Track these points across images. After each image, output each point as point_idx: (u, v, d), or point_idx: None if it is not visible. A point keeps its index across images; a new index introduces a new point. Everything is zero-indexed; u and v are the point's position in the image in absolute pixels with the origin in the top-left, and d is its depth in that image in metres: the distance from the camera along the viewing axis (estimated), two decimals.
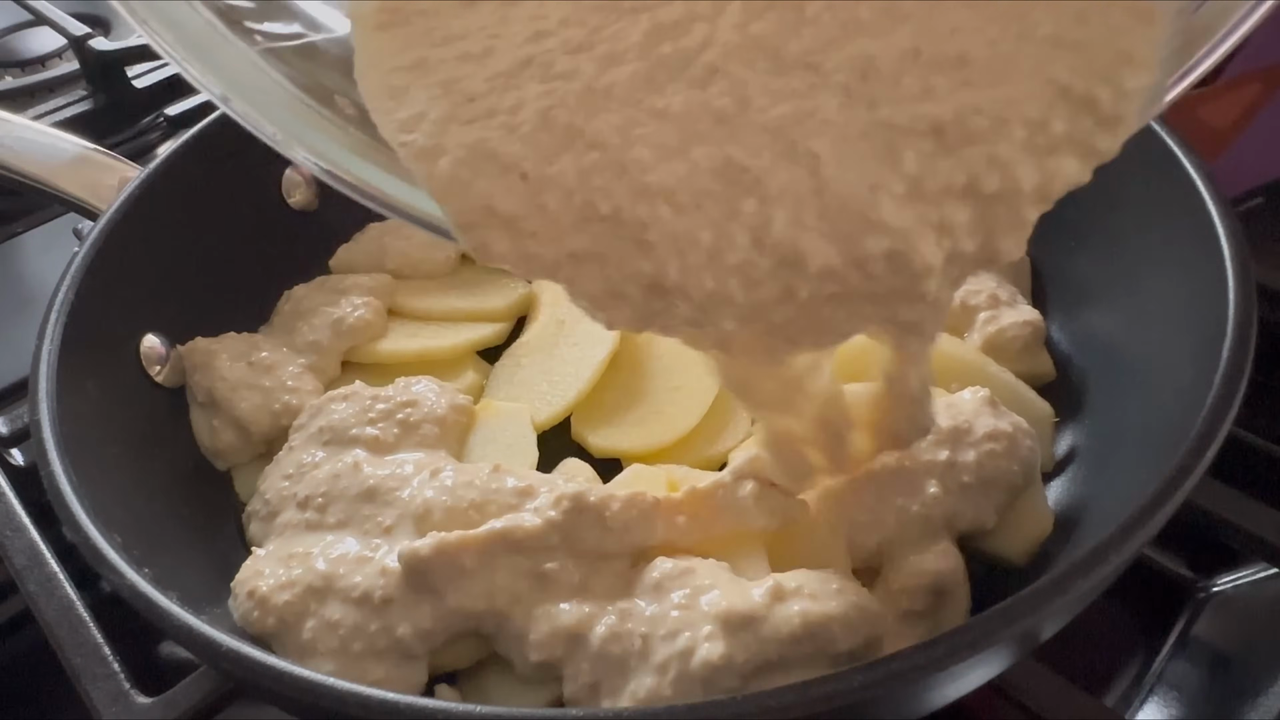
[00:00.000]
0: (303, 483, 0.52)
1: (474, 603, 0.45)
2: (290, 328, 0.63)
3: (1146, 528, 0.37)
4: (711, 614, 0.41)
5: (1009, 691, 0.44)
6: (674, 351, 0.60)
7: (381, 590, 0.45)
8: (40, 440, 0.47)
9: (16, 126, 0.68)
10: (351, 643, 0.44)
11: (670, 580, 0.44)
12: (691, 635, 0.41)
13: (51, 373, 0.50)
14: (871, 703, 0.34)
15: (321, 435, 0.54)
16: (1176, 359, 0.47)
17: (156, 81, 0.99)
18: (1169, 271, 0.51)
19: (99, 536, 0.43)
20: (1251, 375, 0.41)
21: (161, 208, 0.61)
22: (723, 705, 0.34)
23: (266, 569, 0.48)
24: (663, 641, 0.41)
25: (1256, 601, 0.56)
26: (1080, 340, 0.57)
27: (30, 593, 0.49)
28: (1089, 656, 0.55)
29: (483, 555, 0.45)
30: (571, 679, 0.43)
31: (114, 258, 0.57)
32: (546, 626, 0.44)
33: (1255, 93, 0.59)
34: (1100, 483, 0.49)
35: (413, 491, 0.50)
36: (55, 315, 0.53)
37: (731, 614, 0.41)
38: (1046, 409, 0.54)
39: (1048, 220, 0.60)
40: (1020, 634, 0.36)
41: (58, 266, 0.56)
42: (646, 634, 0.42)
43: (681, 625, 0.42)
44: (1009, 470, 0.48)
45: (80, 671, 0.45)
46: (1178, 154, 0.51)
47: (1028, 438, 0.49)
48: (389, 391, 0.56)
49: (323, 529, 0.50)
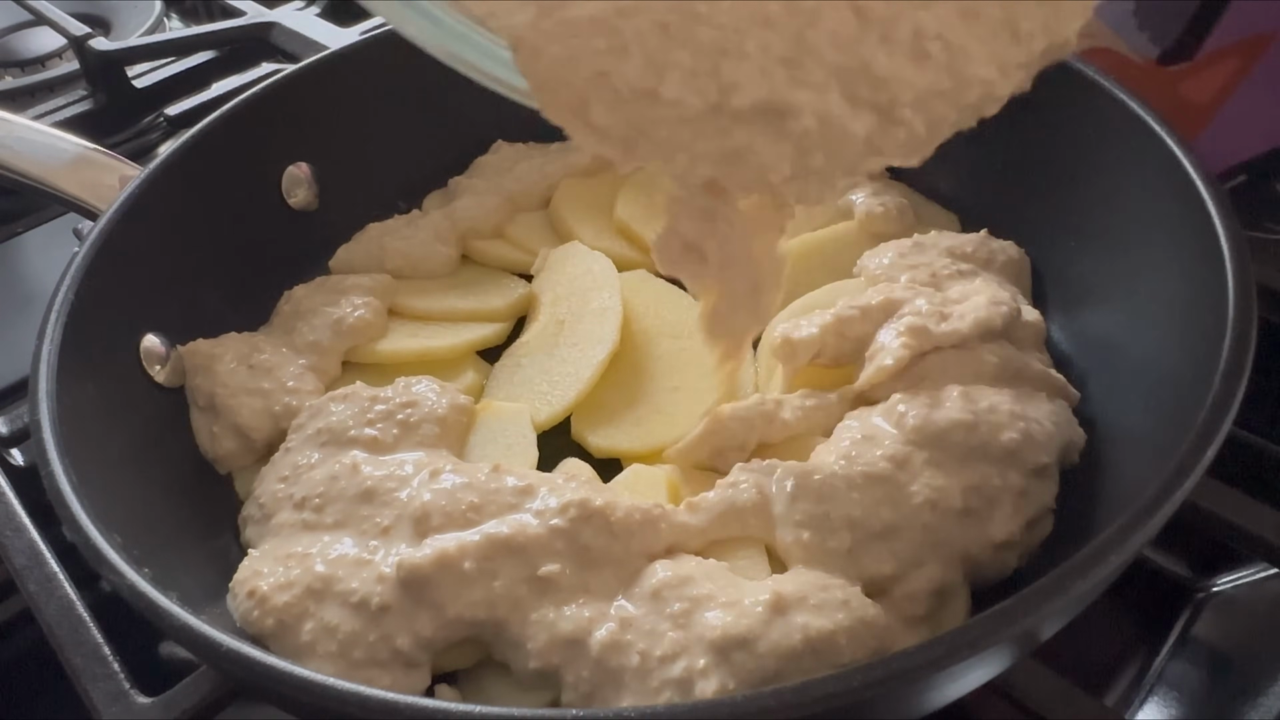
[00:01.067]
0: (299, 484, 0.52)
1: (474, 612, 0.44)
2: (290, 328, 0.63)
3: (1146, 528, 0.37)
4: (708, 640, 0.41)
5: (1009, 691, 0.44)
6: (673, 352, 0.61)
7: (379, 598, 0.45)
8: (40, 440, 0.47)
9: (16, 126, 0.68)
10: (352, 650, 0.44)
11: (669, 589, 0.44)
12: (688, 665, 0.40)
13: (51, 373, 0.50)
14: (871, 703, 0.34)
15: (319, 437, 0.54)
16: (1176, 359, 0.47)
17: (156, 81, 0.99)
18: (1169, 271, 0.51)
19: (99, 536, 0.43)
20: (1251, 375, 0.41)
21: (161, 208, 0.61)
22: (723, 705, 0.34)
23: (265, 568, 0.48)
24: (660, 664, 0.41)
25: (1256, 601, 0.56)
26: (1080, 340, 0.57)
27: (30, 593, 0.49)
28: (1089, 656, 0.55)
29: (483, 561, 0.45)
30: (571, 687, 0.43)
31: (114, 258, 0.57)
32: (545, 635, 0.43)
33: (1232, 67, 0.59)
34: (1100, 483, 0.49)
35: (411, 492, 0.50)
36: (55, 315, 0.53)
37: (728, 639, 0.41)
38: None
39: (1048, 220, 0.60)
40: (1020, 634, 0.36)
41: (58, 266, 0.56)
42: (644, 651, 0.42)
43: (678, 649, 0.41)
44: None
45: (80, 671, 0.45)
46: (1178, 154, 0.51)
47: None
48: (388, 392, 0.56)
49: (320, 529, 0.50)
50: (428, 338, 0.64)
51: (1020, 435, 0.48)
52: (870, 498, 0.46)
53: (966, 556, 0.46)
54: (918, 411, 0.49)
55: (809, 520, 0.46)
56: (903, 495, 0.46)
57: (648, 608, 0.44)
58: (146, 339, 0.58)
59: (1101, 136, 0.56)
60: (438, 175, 0.73)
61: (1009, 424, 0.48)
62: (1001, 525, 0.46)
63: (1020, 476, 0.47)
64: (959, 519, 0.46)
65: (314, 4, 1.07)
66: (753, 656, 0.40)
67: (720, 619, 0.42)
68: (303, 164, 0.70)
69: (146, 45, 1.01)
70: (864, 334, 0.54)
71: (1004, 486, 0.47)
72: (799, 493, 0.47)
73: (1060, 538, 0.48)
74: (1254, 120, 0.60)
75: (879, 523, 0.46)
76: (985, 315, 0.52)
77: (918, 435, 0.48)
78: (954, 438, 0.47)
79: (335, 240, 0.69)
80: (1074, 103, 0.57)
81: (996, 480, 0.47)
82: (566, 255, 0.67)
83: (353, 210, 0.71)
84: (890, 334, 0.53)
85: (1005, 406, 0.49)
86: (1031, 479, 0.47)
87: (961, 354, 0.52)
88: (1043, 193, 0.60)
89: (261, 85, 0.69)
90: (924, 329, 0.52)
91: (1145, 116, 0.53)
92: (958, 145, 0.55)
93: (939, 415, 0.48)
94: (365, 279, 0.66)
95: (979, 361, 0.51)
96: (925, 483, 0.46)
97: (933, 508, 0.46)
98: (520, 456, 0.55)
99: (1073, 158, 0.58)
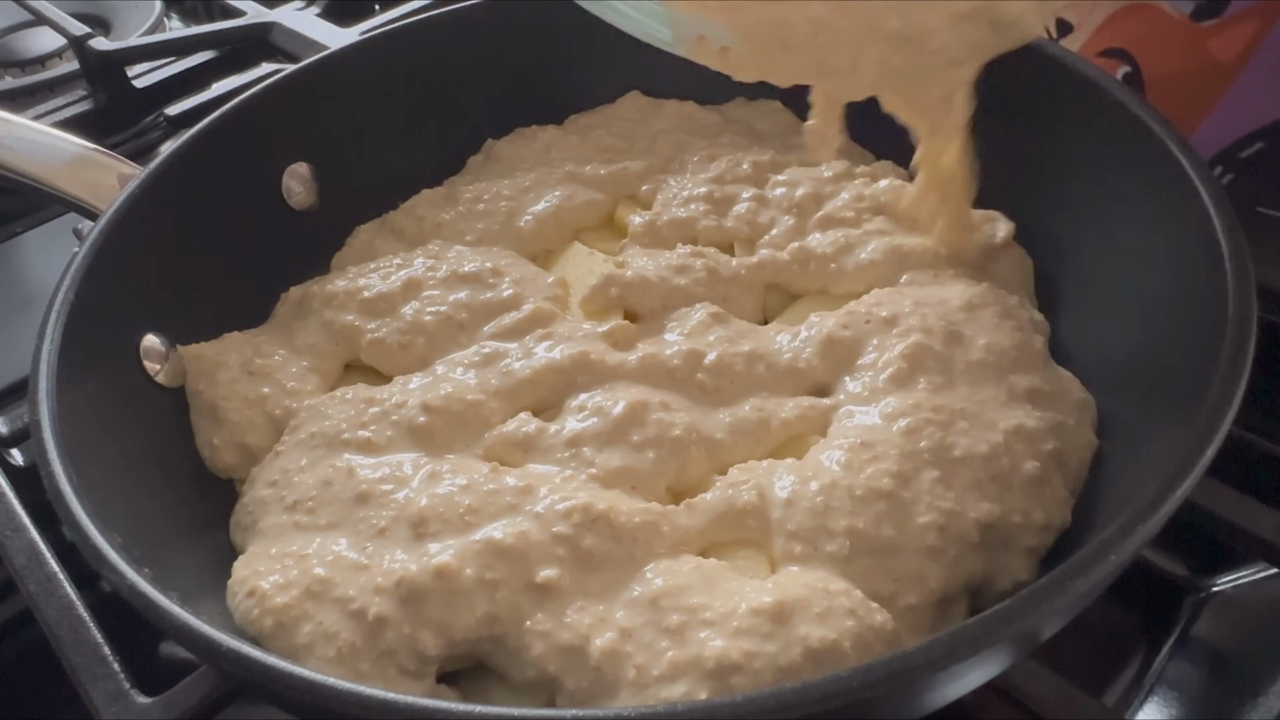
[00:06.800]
0: (289, 488, 0.52)
1: (477, 628, 0.44)
2: (289, 329, 0.63)
3: (1146, 528, 0.37)
4: (709, 666, 0.40)
5: (1009, 691, 0.44)
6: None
7: (376, 608, 0.44)
8: (40, 440, 0.47)
9: (16, 126, 0.68)
10: (351, 660, 0.44)
11: (666, 598, 0.43)
12: (687, 692, 0.40)
13: (51, 373, 0.50)
14: (871, 703, 0.34)
15: (311, 441, 0.54)
16: (1176, 359, 0.47)
17: (156, 81, 0.99)
18: (1169, 271, 0.50)
19: (99, 536, 0.43)
20: (1251, 375, 0.41)
21: (161, 208, 0.61)
22: (723, 705, 0.34)
23: (263, 567, 0.47)
24: (657, 683, 0.41)
25: (1256, 601, 0.56)
26: (1080, 340, 0.57)
27: (30, 593, 0.49)
28: (1089, 656, 0.55)
29: (483, 571, 0.45)
30: (569, 695, 0.43)
31: (114, 258, 0.57)
32: (543, 644, 0.43)
33: (1254, 28, 0.59)
34: (1100, 483, 0.49)
35: (409, 494, 0.49)
36: (55, 315, 0.53)
37: (725, 663, 0.40)
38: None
39: (1048, 220, 0.60)
40: (1020, 634, 0.36)
41: (58, 266, 0.56)
42: (642, 665, 0.41)
43: (676, 673, 0.41)
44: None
45: (80, 671, 0.45)
46: (1177, 154, 0.51)
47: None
48: (384, 393, 0.56)
49: (312, 530, 0.49)
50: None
51: (1042, 463, 0.48)
52: (873, 511, 0.46)
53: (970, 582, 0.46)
54: (930, 430, 0.48)
55: (803, 531, 0.46)
56: (907, 514, 0.46)
57: (646, 616, 0.43)
58: (146, 339, 0.58)
59: (1101, 137, 0.56)
60: (437, 175, 0.73)
61: (1030, 453, 0.48)
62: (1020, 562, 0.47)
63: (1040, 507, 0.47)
64: (974, 550, 0.46)
65: (314, 4, 1.07)
66: (750, 673, 0.40)
67: (718, 641, 0.41)
68: (303, 164, 0.70)
69: (146, 45, 1.01)
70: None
71: (1025, 524, 0.46)
72: (796, 497, 0.47)
73: (1060, 537, 0.48)
74: (1270, 86, 0.60)
75: (880, 539, 0.45)
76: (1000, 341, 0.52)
77: (932, 456, 0.47)
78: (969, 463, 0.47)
79: (335, 240, 0.69)
80: (1074, 103, 0.57)
81: (1018, 519, 0.46)
82: (568, 256, 0.67)
83: (353, 210, 0.71)
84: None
85: (1030, 424, 0.49)
86: (1051, 505, 0.47)
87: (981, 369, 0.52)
88: (1041, 193, 0.60)
89: (261, 85, 0.69)
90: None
91: (1145, 117, 0.53)
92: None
93: (952, 439, 0.48)
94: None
95: (1001, 381, 0.51)
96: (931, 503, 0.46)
97: (940, 532, 0.45)
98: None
99: (1071, 158, 0.58)
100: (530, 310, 0.59)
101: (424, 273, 0.62)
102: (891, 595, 0.44)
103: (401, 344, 0.59)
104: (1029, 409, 0.50)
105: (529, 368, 0.55)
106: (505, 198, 0.68)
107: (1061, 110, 0.58)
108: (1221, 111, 0.59)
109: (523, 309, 0.59)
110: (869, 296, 0.57)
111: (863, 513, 0.46)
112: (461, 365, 0.57)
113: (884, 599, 0.44)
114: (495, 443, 0.53)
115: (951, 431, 0.48)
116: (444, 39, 0.74)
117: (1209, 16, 0.60)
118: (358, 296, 0.61)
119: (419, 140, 0.73)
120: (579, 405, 0.53)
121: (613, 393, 0.53)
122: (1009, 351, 0.52)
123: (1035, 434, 0.48)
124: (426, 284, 0.61)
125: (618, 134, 0.73)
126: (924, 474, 0.47)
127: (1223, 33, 0.60)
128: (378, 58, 0.72)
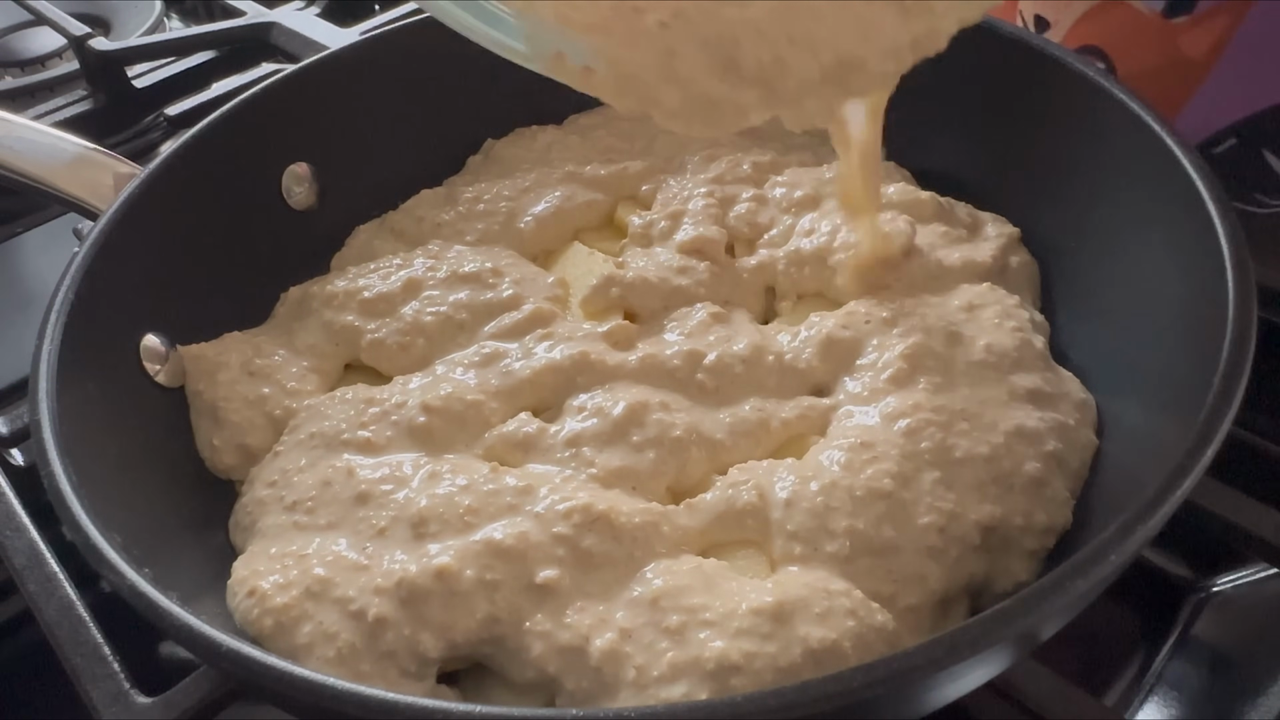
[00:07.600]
0: (289, 488, 0.52)
1: (477, 630, 0.44)
2: (289, 329, 0.63)
3: (1146, 528, 0.37)
4: (708, 668, 0.40)
5: (1009, 691, 0.44)
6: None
7: (375, 609, 0.44)
8: (40, 440, 0.47)
9: (16, 126, 0.68)
10: (351, 660, 0.44)
11: (666, 598, 0.44)
12: (687, 693, 0.40)
13: (51, 373, 0.50)
14: (872, 702, 0.34)
15: (310, 441, 0.54)
16: (1176, 359, 0.47)
17: (156, 81, 0.99)
18: (1168, 271, 0.51)
19: (99, 536, 0.43)
20: (1251, 375, 0.41)
21: (161, 208, 0.61)
22: (723, 705, 0.34)
23: (263, 567, 0.47)
24: (657, 683, 0.41)
25: (1256, 601, 0.56)
26: (1079, 340, 0.57)
27: (30, 593, 0.49)
28: (1089, 656, 0.55)
29: (483, 572, 0.45)
30: (569, 695, 0.43)
31: (114, 258, 0.57)
32: (542, 644, 0.43)
33: (1223, 24, 0.59)
34: (1100, 482, 0.49)
35: (408, 494, 0.49)
36: (55, 315, 0.53)
37: (725, 663, 0.40)
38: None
39: (1047, 220, 0.60)
40: (1020, 634, 0.36)
41: (58, 266, 0.55)
42: (642, 666, 0.41)
43: (676, 673, 0.41)
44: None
45: (80, 671, 0.45)
46: (1176, 153, 0.51)
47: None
48: (383, 393, 0.56)
49: (312, 530, 0.49)
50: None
51: (1043, 464, 0.48)
52: (873, 511, 0.46)
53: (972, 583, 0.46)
54: (930, 431, 0.48)
55: (803, 531, 0.46)
56: (907, 515, 0.46)
57: (646, 617, 0.43)
58: (146, 339, 0.58)
59: (1101, 137, 0.56)
60: (437, 175, 0.73)
61: (1031, 454, 0.48)
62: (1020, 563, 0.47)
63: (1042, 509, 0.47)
64: (974, 551, 0.46)
65: (314, 4, 1.07)
66: (751, 677, 0.40)
67: (718, 642, 0.41)
68: (303, 164, 0.70)
69: (146, 45, 1.01)
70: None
71: (1026, 527, 0.47)
72: (796, 498, 0.47)
73: (1061, 538, 0.48)
74: (1240, 82, 0.61)
75: (880, 539, 0.45)
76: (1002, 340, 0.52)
77: (932, 456, 0.48)
78: (969, 463, 0.47)
79: (335, 240, 0.69)
80: (1074, 104, 0.57)
81: (1019, 521, 0.46)
82: (568, 256, 0.67)
83: (353, 210, 0.71)
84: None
85: (1031, 425, 0.49)
86: (1052, 506, 0.47)
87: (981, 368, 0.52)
88: (1041, 193, 0.60)
89: (261, 85, 0.69)
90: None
91: (1145, 117, 0.53)
92: (957, 146, 0.56)
93: (953, 440, 0.48)
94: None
95: (1001, 381, 0.51)
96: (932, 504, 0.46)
97: (940, 532, 0.46)
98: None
99: (1072, 158, 0.58)
100: (530, 310, 0.59)
101: (424, 273, 0.62)
102: (892, 595, 0.44)
103: (401, 344, 0.59)
104: (1030, 409, 0.50)
105: (529, 368, 0.56)
106: (505, 198, 0.68)
107: (1062, 111, 0.58)
108: (1193, 108, 0.59)
109: (523, 309, 0.59)
110: (869, 296, 0.57)
111: (863, 513, 0.46)
112: (461, 365, 0.57)
113: (884, 599, 0.44)
114: (495, 443, 0.53)
115: (952, 432, 0.48)
116: (444, 39, 0.74)
117: (1180, 13, 0.60)
118: (357, 297, 0.61)
119: (419, 140, 0.73)
120: (579, 405, 0.54)
121: (613, 393, 0.53)
122: (1009, 352, 0.52)
123: (1036, 434, 0.48)
124: (426, 284, 0.61)
125: (618, 134, 0.73)
126: (924, 475, 0.47)
127: (1193, 30, 0.60)
128: (378, 58, 0.72)
